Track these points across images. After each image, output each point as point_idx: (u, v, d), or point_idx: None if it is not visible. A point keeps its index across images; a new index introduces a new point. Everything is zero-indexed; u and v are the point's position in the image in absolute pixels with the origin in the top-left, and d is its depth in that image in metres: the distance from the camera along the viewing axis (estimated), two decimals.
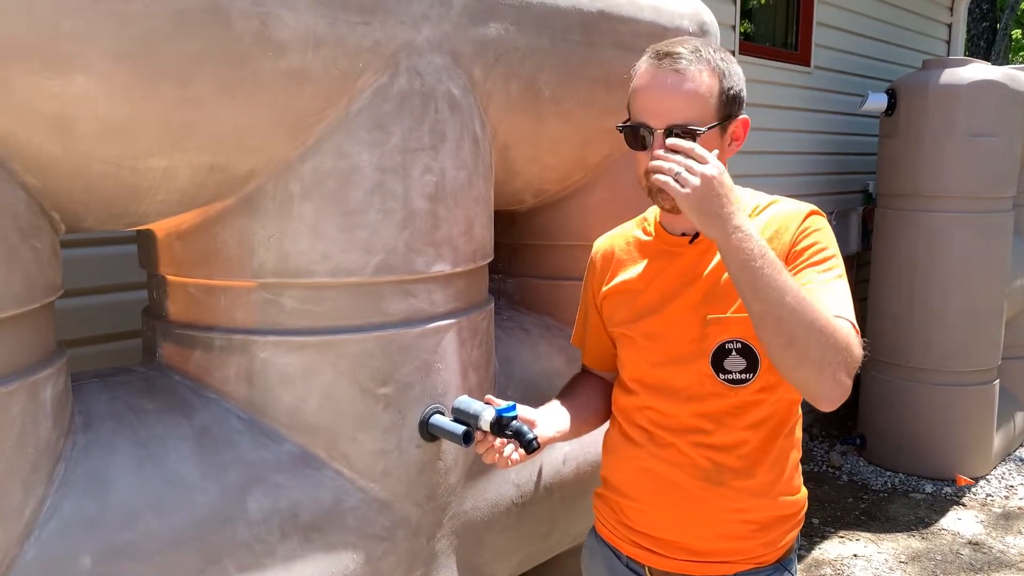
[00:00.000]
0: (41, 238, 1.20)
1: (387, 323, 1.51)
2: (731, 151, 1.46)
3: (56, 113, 1.13)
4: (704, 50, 1.40)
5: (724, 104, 1.39)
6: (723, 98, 1.39)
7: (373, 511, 1.52)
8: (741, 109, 1.42)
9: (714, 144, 1.38)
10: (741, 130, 1.44)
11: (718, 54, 1.42)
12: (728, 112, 1.40)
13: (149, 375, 1.51)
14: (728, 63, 1.41)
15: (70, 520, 1.21)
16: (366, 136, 1.42)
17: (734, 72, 1.41)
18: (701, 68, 1.37)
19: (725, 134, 1.42)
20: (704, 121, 1.37)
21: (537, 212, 2.08)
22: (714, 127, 1.38)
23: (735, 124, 1.43)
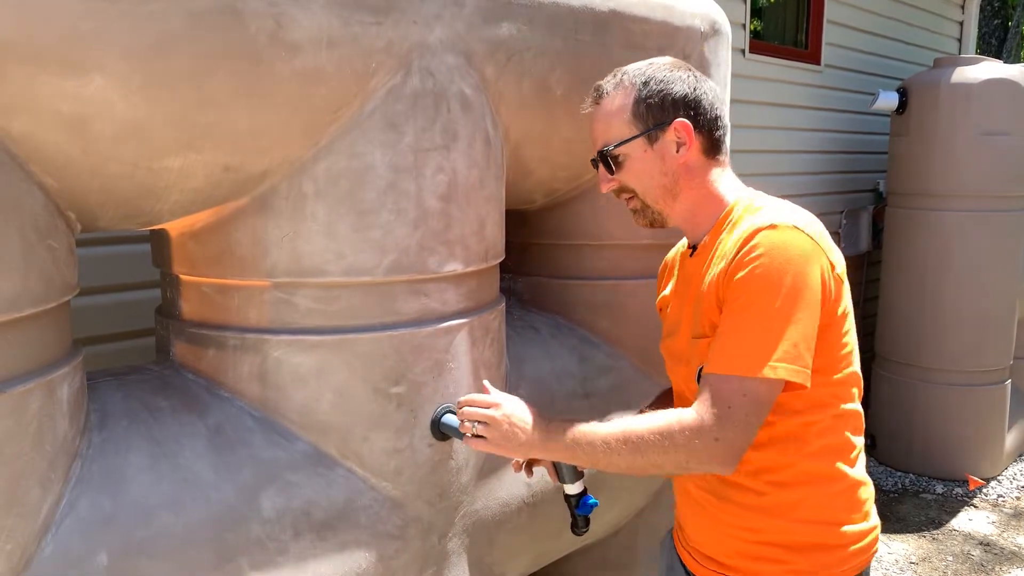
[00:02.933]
0: (58, 238, 1.21)
1: (399, 322, 1.51)
2: (684, 156, 1.40)
3: (74, 114, 1.13)
4: (628, 73, 1.42)
5: (641, 115, 1.39)
6: (639, 109, 1.39)
7: (385, 510, 1.52)
8: (676, 113, 1.38)
9: (643, 156, 1.41)
10: (683, 132, 1.39)
11: (649, 70, 1.41)
12: (652, 121, 1.39)
13: (163, 374, 1.52)
14: (650, 76, 1.40)
15: (87, 517, 1.22)
16: (379, 136, 1.42)
17: (657, 81, 1.39)
18: (613, 92, 1.43)
19: (658, 142, 1.40)
20: (619, 138, 1.41)
21: (548, 211, 2.08)
22: (630, 140, 1.40)
23: (670, 129, 1.39)
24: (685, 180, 1.42)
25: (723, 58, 2.13)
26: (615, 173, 1.44)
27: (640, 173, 1.42)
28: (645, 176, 1.42)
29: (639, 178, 1.43)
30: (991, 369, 4.52)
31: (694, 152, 1.41)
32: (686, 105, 1.39)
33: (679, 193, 1.43)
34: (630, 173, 1.43)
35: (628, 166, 1.43)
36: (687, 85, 1.40)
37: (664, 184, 1.42)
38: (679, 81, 1.40)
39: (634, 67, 1.43)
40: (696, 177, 1.42)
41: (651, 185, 1.43)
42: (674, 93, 1.39)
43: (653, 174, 1.41)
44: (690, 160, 1.41)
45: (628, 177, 1.44)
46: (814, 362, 1.29)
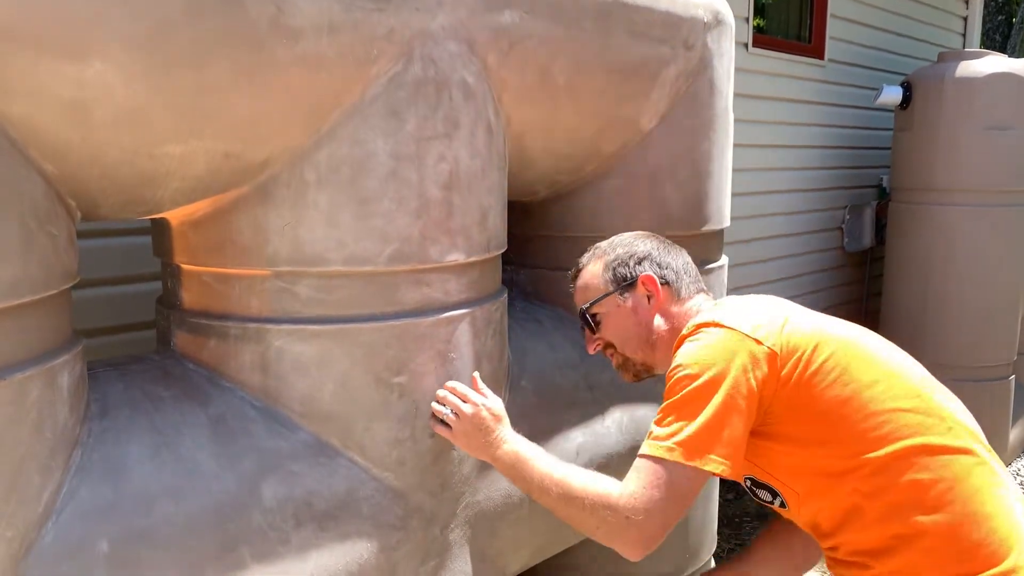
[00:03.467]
0: (58, 225, 1.20)
1: (401, 312, 1.50)
2: (654, 306, 1.56)
3: (73, 99, 1.13)
4: (600, 246, 1.65)
5: (611, 276, 1.59)
6: (608, 271, 1.60)
7: (387, 500, 1.51)
8: (643, 269, 1.57)
9: (617, 311, 1.58)
10: (650, 285, 1.56)
11: (616, 239, 1.64)
12: (622, 279, 1.58)
13: (164, 363, 1.52)
14: (618, 243, 1.63)
15: (87, 505, 1.21)
16: (381, 124, 1.42)
17: (624, 245, 1.62)
18: (588, 262, 1.64)
19: (629, 297, 1.57)
20: (596, 297, 1.60)
21: (551, 203, 2.07)
22: (603, 298, 1.59)
23: (638, 283, 1.57)
24: (659, 329, 1.55)
25: (726, 48, 2.12)
26: (596, 331, 1.61)
27: (617, 327, 1.58)
28: (622, 329, 1.57)
29: (617, 332, 1.58)
30: (995, 365, 4.50)
31: (663, 301, 1.56)
32: (651, 261, 1.58)
33: (656, 341, 1.56)
34: (609, 329, 1.59)
35: (606, 323, 1.59)
36: (650, 246, 1.61)
37: (640, 334, 1.56)
38: (642, 243, 1.61)
39: (605, 241, 1.66)
40: (669, 323, 1.56)
41: (628, 337, 1.57)
42: (639, 253, 1.60)
43: (628, 327, 1.57)
44: (661, 309, 1.56)
45: (608, 333, 1.59)
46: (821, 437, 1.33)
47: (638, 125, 1.96)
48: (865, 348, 1.39)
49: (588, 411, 1.93)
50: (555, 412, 1.86)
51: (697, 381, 1.32)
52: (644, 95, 1.92)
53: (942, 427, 1.32)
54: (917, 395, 1.35)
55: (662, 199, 2.03)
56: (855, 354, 1.36)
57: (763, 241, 4.55)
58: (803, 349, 1.34)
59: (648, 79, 1.91)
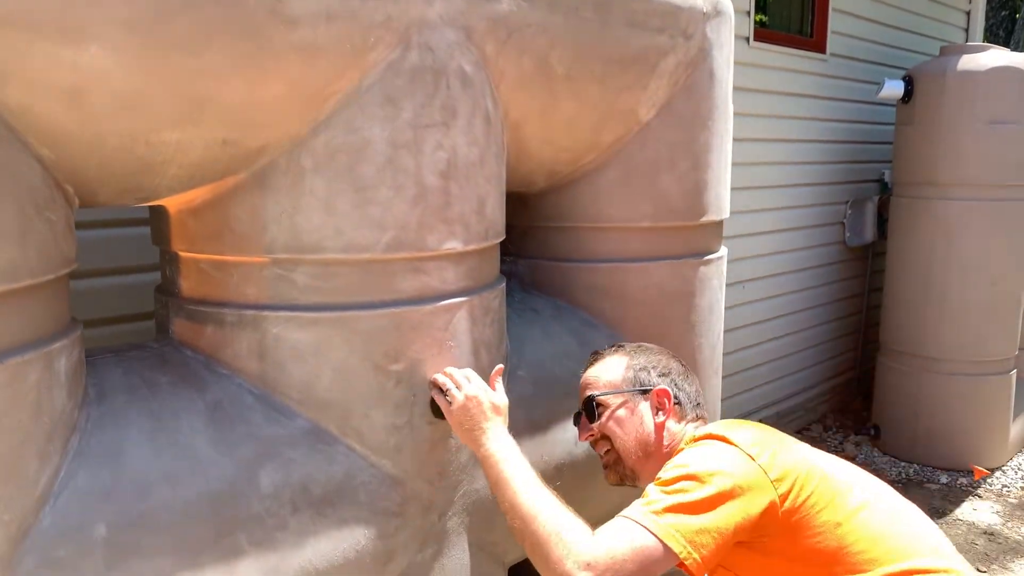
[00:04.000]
0: (55, 211, 1.21)
1: (399, 300, 1.51)
2: (661, 421, 1.59)
3: (70, 84, 1.13)
4: (625, 346, 1.71)
5: (630, 378, 1.63)
6: (629, 372, 1.64)
7: (385, 487, 1.52)
8: (661, 382, 1.62)
9: (624, 412, 1.60)
10: (663, 399, 1.60)
11: (643, 347, 1.70)
12: (639, 384, 1.62)
13: (162, 350, 1.52)
14: (644, 350, 1.69)
15: (85, 490, 1.22)
16: (378, 111, 1.42)
17: (648, 354, 1.67)
18: (610, 354, 1.68)
19: (640, 403, 1.61)
20: (608, 389, 1.63)
21: (549, 194, 2.07)
22: (615, 393, 1.62)
23: (652, 394, 1.61)
24: (658, 441, 1.59)
25: (726, 39, 2.12)
26: (595, 422, 1.62)
27: (619, 426, 1.61)
28: (624, 429, 1.60)
29: (619, 432, 1.60)
30: (996, 359, 4.50)
31: (671, 419, 1.60)
32: (670, 379, 1.64)
33: (652, 453, 1.58)
34: (610, 424, 1.61)
35: (609, 418, 1.62)
36: (672, 365, 1.66)
37: (640, 440, 1.59)
38: (667, 360, 1.67)
39: (632, 343, 1.72)
40: (667, 440, 1.59)
41: (629, 439, 1.60)
42: (661, 367, 1.65)
43: (630, 430, 1.60)
44: (664, 425, 1.59)
45: (607, 428, 1.61)
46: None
47: (637, 115, 1.96)
48: (847, 476, 1.47)
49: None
50: (553, 402, 1.86)
51: (704, 487, 1.36)
52: (643, 85, 1.92)
53: (925, 548, 1.41)
54: (900, 521, 1.44)
55: (661, 190, 2.03)
56: (840, 480, 1.45)
57: (764, 235, 4.55)
58: (798, 474, 1.41)
59: (647, 69, 1.90)
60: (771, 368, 4.80)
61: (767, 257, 4.61)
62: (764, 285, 4.61)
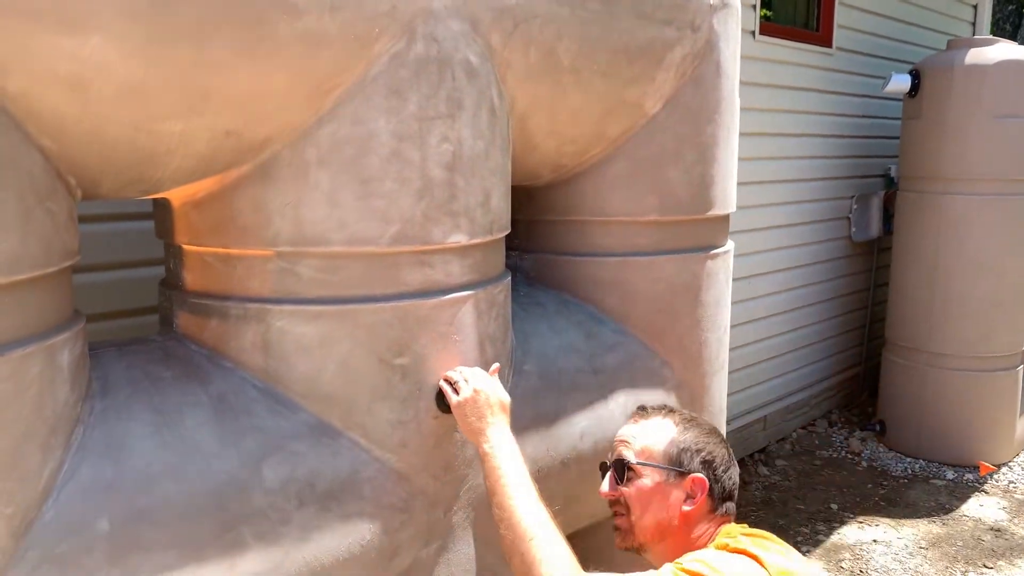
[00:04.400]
0: (57, 201, 1.20)
1: (404, 293, 1.50)
2: (690, 510, 1.46)
3: (72, 73, 1.12)
4: (676, 415, 1.55)
5: (670, 454, 1.49)
6: (672, 447, 1.49)
7: (390, 482, 1.51)
8: (700, 470, 1.47)
9: (653, 487, 1.47)
10: (696, 488, 1.46)
11: (694, 423, 1.53)
12: (677, 463, 1.48)
13: (166, 344, 1.51)
14: (694, 427, 1.52)
15: (88, 484, 1.21)
16: (383, 103, 1.40)
17: (697, 434, 1.51)
18: (657, 419, 1.54)
19: (672, 484, 1.47)
20: (644, 459, 1.49)
21: (554, 187, 2.06)
22: (650, 466, 1.48)
23: (688, 479, 1.47)
24: (679, 528, 1.47)
25: (732, 31, 2.10)
26: (621, 485, 1.51)
27: (644, 499, 1.49)
28: (648, 505, 1.48)
29: (640, 503, 1.49)
30: (1002, 355, 4.48)
31: (698, 510, 1.47)
32: (712, 469, 1.49)
33: (667, 536, 1.48)
34: (635, 494, 1.49)
35: (637, 487, 1.49)
36: (718, 453, 1.51)
37: (660, 520, 1.48)
38: (714, 445, 1.51)
39: (685, 414, 1.57)
40: (689, 529, 1.48)
41: (648, 515, 1.48)
42: (706, 452, 1.50)
43: (654, 507, 1.48)
44: (692, 515, 1.47)
45: (631, 496, 1.50)
46: None
47: (643, 108, 1.94)
48: None
49: (592, 395, 1.92)
50: (559, 396, 1.85)
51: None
52: (649, 77, 1.90)
53: None
54: None
55: (667, 183, 2.01)
56: None
57: (770, 231, 4.53)
58: None
59: (654, 61, 1.89)
60: (776, 364, 4.79)
61: (772, 252, 4.59)
62: (769, 281, 4.59)
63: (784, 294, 4.76)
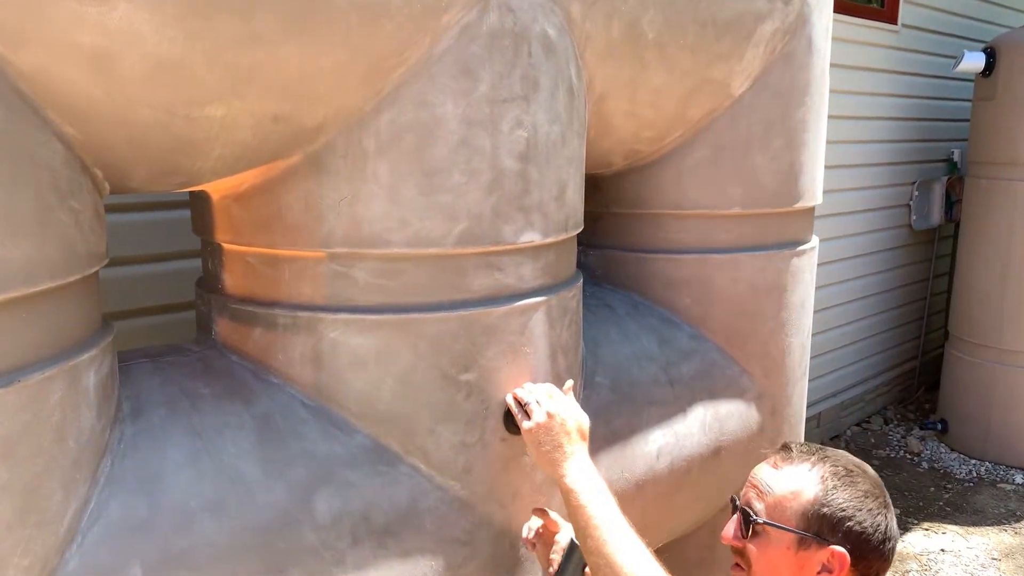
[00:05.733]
0: (81, 198, 1.03)
1: (470, 300, 1.32)
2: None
3: (96, 47, 0.95)
4: (829, 465, 1.22)
5: (808, 516, 1.19)
6: (811, 508, 1.19)
7: (453, 512, 1.34)
8: (843, 542, 1.17)
9: (783, 552, 1.19)
10: (835, 563, 1.17)
11: (847, 480, 1.21)
12: (814, 529, 1.18)
13: (205, 355, 1.35)
14: (844, 487, 1.20)
15: (117, 523, 1.05)
16: (451, 83, 1.22)
17: (848, 499, 1.19)
18: (805, 471, 1.22)
19: (805, 552, 1.18)
20: (776, 518, 1.20)
21: (625, 176, 1.86)
22: (780, 528, 1.19)
23: (826, 550, 1.17)
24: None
25: (826, 2, 1.89)
26: (746, 540, 1.24)
27: (768, 565, 1.22)
28: (770, 571, 1.22)
29: (764, 568, 1.23)
30: None
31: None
32: (859, 542, 1.18)
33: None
34: (760, 555, 1.23)
35: (761, 546, 1.23)
36: (874, 522, 1.19)
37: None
38: (868, 514, 1.19)
39: (836, 460, 1.24)
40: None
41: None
42: (855, 523, 1.18)
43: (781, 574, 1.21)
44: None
45: (755, 557, 1.23)
46: None
47: (729, 88, 1.74)
48: None
49: (668, 409, 1.74)
50: (634, 411, 1.67)
51: None
52: (738, 54, 1.69)
53: None
54: None
55: (753, 172, 1.81)
56: None
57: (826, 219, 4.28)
58: None
59: (743, 36, 1.68)
60: (831, 359, 4.56)
61: (829, 242, 4.35)
62: (825, 272, 4.35)
63: (840, 285, 4.52)
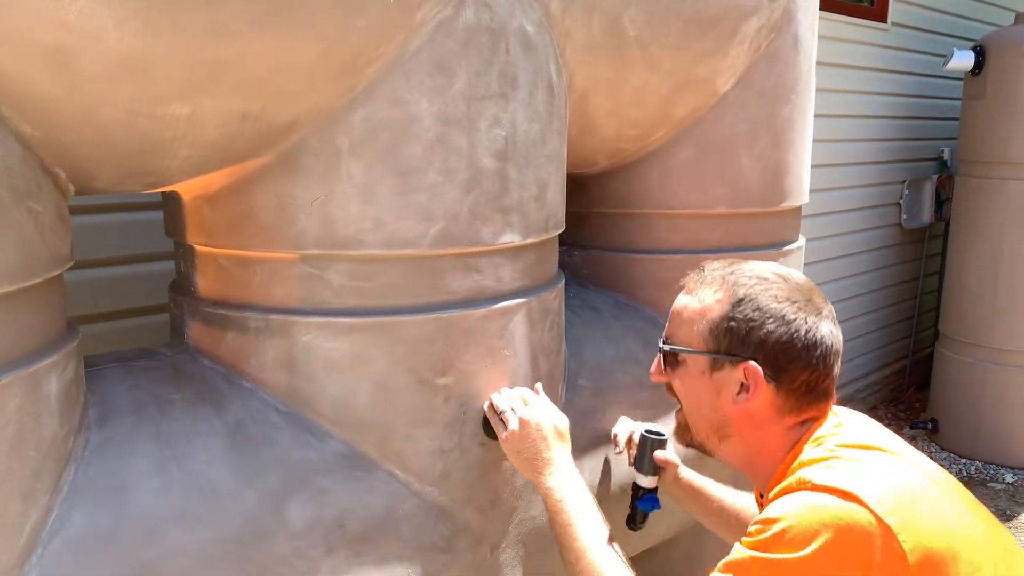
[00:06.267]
0: (42, 199, 1.00)
1: (448, 303, 1.29)
2: (743, 403, 1.12)
3: (55, 44, 0.91)
4: (736, 274, 1.15)
5: (717, 333, 1.13)
6: (719, 325, 1.13)
7: (431, 519, 1.31)
8: (755, 355, 1.10)
9: (698, 377, 1.16)
10: (750, 379, 1.10)
11: (756, 287, 1.13)
12: (724, 347, 1.13)
13: (176, 360, 1.32)
14: (751, 296, 1.12)
15: (80, 534, 1.02)
16: (426, 80, 1.19)
17: (755, 306, 1.11)
18: (710, 288, 1.17)
19: (720, 372, 1.14)
20: (685, 343, 1.18)
21: (610, 175, 1.84)
22: (692, 353, 1.17)
23: (739, 367, 1.11)
24: (737, 427, 1.16)
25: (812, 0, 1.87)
26: (665, 371, 1.23)
27: (689, 394, 1.20)
28: (693, 399, 1.20)
29: (687, 398, 1.21)
30: None
31: (760, 404, 1.12)
32: (773, 351, 1.10)
33: (728, 436, 1.17)
34: (682, 386, 1.21)
35: (682, 376, 1.20)
36: (787, 328, 1.10)
37: (711, 420, 1.18)
38: (779, 320, 1.10)
39: (747, 272, 1.16)
40: (756, 430, 1.14)
41: (697, 412, 1.20)
42: (764, 331, 1.10)
43: (701, 403, 1.18)
44: (752, 410, 1.13)
45: (678, 387, 1.22)
46: None
47: (714, 86, 1.71)
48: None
49: (653, 413, 1.71)
50: (618, 414, 1.64)
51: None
52: (722, 52, 1.67)
53: None
54: None
55: (738, 171, 1.79)
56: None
57: (815, 218, 4.27)
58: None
59: (727, 33, 1.66)
60: None
61: (818, 241, 4.33)
62: (814, 271, 4.34)
63: (830, 284, 4.51)
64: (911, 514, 0.97)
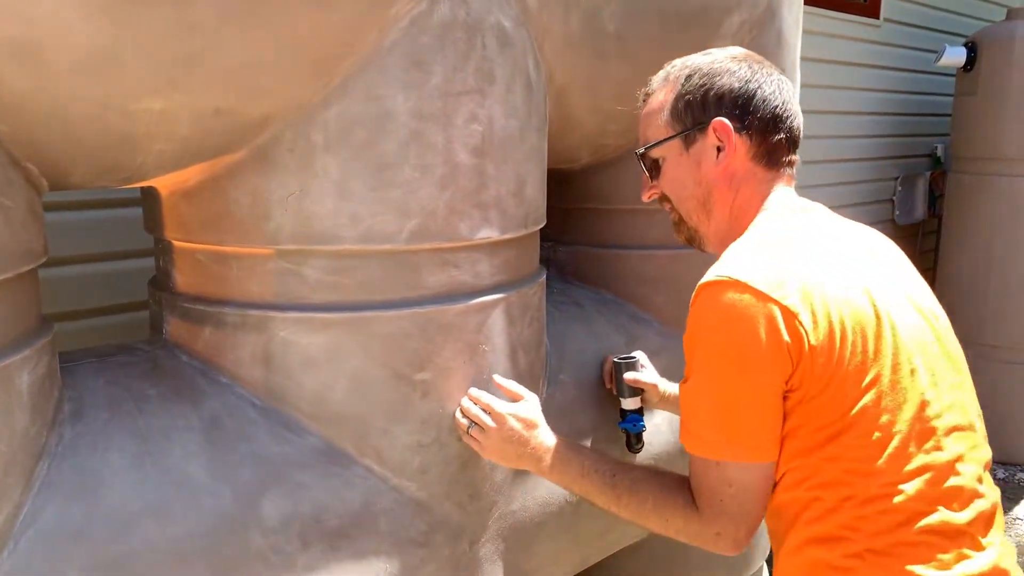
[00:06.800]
0: (12, 195, 1.00)
1: (425, 298, 1.29)
2: (724, 162, 1.18)
3: (20, 38, 0.91)
4: (676, 65, 1.25)
5: (679, 113, 1.21)
6: (678, 106, 1.21)
7: (409, 513, 1.32)
8: (718, 112, 1.17)
9: (678, 161, 1.23)
10: (722, 134, 1.17)
11: (698, 61, 1.22)
12: (690, 121, 1.20)
13: (154, 355, 1.32)
14: (696, 69, 1.21)
15: (52, 529, 1.03)
16: (401, 76, 1.19)
17: (702, 74, 1.19)
18: (659, 87, 1.26)
19: (695, 145, 1.20)
20: (656, 138, 1.24)
21: (594, 171, 1.84)
22: (664, 142, 1.23)
23: (709, 131, 1.18)
24: (720, 192, 1.21)
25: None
26: (655, 179, 1.28)
27: (674, 181, 1.25)
28: (678, 185, 1.24)
29: (673, 187, 1.25)
30: None
31: (739, 158, 1.18)
32: (732, 102, 1.17)
33: (712, 208, 1.22)
34: (666, 180, 1.26)
35: (665, 172, 1.25)
36: (737, 78, 1.17)
37: (697, 196, 1.23)
38: (728, 74, 1.18)
39: (686, 59, 1.25)
40: (739, 190, 1.20)
41: (683, 196, 1.25)
42: (717, 87, 1.17)
43: (686, 183, 1.23)
44: (733, 167, 1.19)
45: (667, 189, 1.26)
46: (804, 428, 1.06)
47: None
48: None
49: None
50: (599, 409, 1.65)
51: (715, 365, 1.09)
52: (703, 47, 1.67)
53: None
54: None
55: None
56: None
57: None
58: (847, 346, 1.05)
59: (709, 29, 1.66)
60: None
61: None
62: None
63: None
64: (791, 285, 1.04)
